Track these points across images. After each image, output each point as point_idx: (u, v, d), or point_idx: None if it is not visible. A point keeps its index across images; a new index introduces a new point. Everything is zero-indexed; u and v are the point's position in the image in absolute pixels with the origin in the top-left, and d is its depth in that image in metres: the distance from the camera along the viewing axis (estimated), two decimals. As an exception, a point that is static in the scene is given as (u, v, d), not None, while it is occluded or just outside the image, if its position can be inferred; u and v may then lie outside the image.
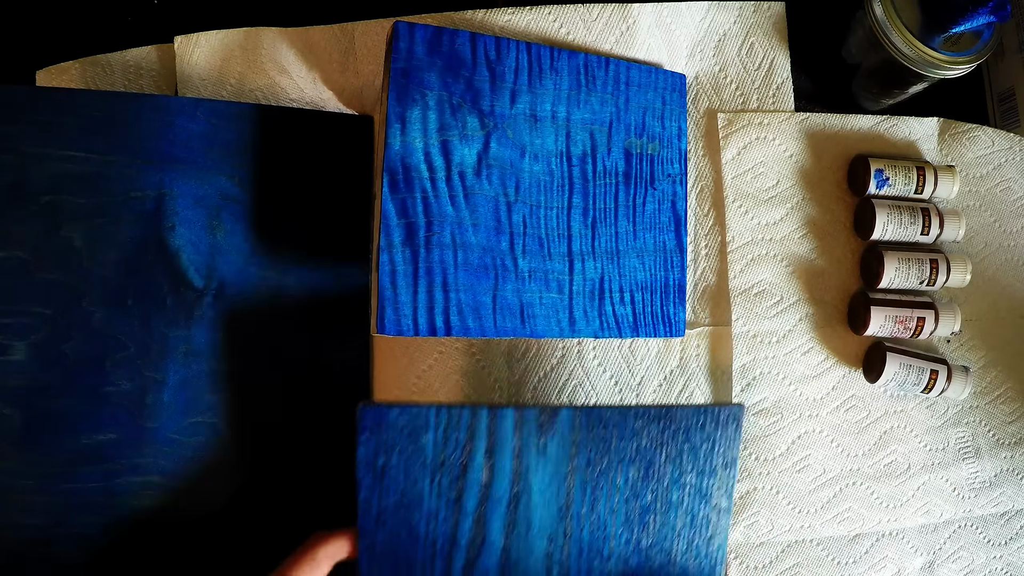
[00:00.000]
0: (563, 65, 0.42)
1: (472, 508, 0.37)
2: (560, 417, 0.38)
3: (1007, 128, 0.49)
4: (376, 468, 0.37)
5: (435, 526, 0.37)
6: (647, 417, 0.39)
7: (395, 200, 0.37)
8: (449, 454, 0.37)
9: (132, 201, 0.40)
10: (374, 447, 0.36)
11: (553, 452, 0.38)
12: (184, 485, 0.40)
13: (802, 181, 0.48)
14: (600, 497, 0.39)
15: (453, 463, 0.37)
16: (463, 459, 0.37)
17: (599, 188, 0.42)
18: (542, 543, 0.38)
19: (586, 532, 0.39)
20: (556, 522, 0.39)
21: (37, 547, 0.38)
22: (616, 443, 0.39)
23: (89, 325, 0.39)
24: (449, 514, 0.37)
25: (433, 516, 0.37)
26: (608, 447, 0.39)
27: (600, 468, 0.39)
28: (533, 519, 0.38)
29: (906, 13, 0.41)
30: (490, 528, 0.38)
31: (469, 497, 0.37)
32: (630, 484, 0.39)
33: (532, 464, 0.38)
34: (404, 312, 0.37)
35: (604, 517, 0.39)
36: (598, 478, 0.39)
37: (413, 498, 0.37)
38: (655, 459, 0.39)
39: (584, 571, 0.39)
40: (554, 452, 0.38)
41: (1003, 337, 0.48)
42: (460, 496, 0.37)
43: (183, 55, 0.43)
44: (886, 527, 0.47)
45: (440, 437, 0.37)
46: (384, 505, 0.37)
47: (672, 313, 0.44)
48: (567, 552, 0.39)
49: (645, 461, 0.39)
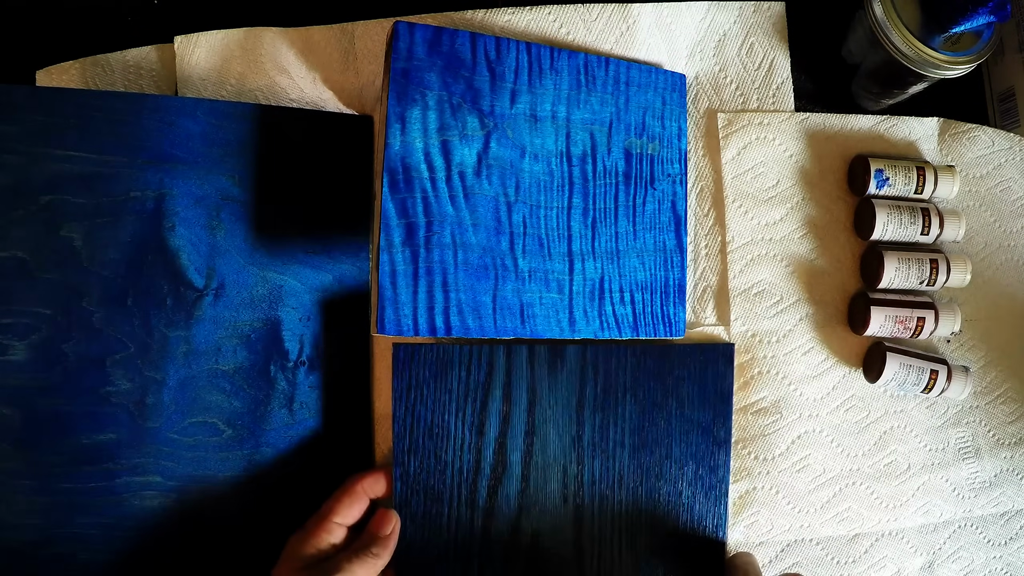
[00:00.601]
0: (563, 65, 0.42)
1: (493, 437, 0.42)
2: (568, 352, 0.42)
3: (1007, 128, 0.49)
4: (408, 401, 0.41)
5: (461, 454, 0.41)
6: (648, 353, 0.43)
7: (395, 200, 0.37)
8: (472, 387, 0.41)
9: (132, 201, 0.40)
10: (407, 381, 0.41)
11: (563, 385, 0.42)
12: (184, 485, 0.40)
13: (802, 181, 0.48)
14: (608, 428, 0.43)
15: (476, 395, 0.41)
16: (484, 391, 0.41)
17: (599, 188, 0.42)
18: (557, 471, 0.42)
19: (597, 461, 0.43)
20: (569, 451, 0.42)
21: (37, 547, 0.38)
22: (620, 377, 0.43)
23: (89, 325, 0.39)
24: (473, 442, 0.41)
25: (459, 445, 0.41)
26: (613, 381, 0.43)
27: (607, 401, 0.43)
28: (548, 448, 0.42)
29: (906, 13, 0.41)
30: (510, 456, 0.42)
31: (490, 426, 0.41)
32: (635, 416, 0.43)
33: (545, 396, 0.42)
34: (404, 312, 0.37)
35: (613, 447, 0.43)
36: (606, 410, 0.43)
37: (440, 429, 0.41)
38: (655, 392, 0.43)
39: (597, 497, 0.43)
40: (564, 385, 0.42)
41: (1003, 337, 0.48)
42: (482, 426, 0.41)
43: (183, 55, 0.43)
44: (886, 527, 0.47)
45: (463, 373, 0.41)
46: (415, 435, 0.41)
47: (672, 313, 0.44)
48: (581, 479, 0.43)
49: (647, 394, 0.43)
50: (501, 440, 0.41)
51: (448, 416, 0.41)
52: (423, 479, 0.41)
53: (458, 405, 0.41)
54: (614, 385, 0.43)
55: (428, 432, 0.41)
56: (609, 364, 0.43)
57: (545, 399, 0.42)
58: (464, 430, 0.41)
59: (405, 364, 0.40)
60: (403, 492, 0.40)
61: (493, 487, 0.41)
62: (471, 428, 0.41)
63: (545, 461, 0.42)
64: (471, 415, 0.41)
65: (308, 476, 0.42)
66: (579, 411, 0.42)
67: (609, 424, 0.43)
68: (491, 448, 0.41)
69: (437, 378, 0.41)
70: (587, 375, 0.42)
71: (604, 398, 0.43)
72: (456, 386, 0.41)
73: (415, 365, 0.40)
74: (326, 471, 0.42)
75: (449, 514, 0.41)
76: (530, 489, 0.42)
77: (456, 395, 0.41)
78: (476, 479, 0.41)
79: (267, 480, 0.41)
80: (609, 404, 0.43)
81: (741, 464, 0.46)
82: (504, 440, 0.41)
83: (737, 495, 0.46)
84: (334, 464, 0.42)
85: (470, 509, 0.41)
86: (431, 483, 0.41)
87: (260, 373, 0.41)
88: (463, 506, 0.41)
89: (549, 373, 0.42)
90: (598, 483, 0.43)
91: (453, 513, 0.41)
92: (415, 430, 0.41)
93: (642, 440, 0.43)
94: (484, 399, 0.41)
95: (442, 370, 0.41)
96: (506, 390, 0.41)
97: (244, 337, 0.41)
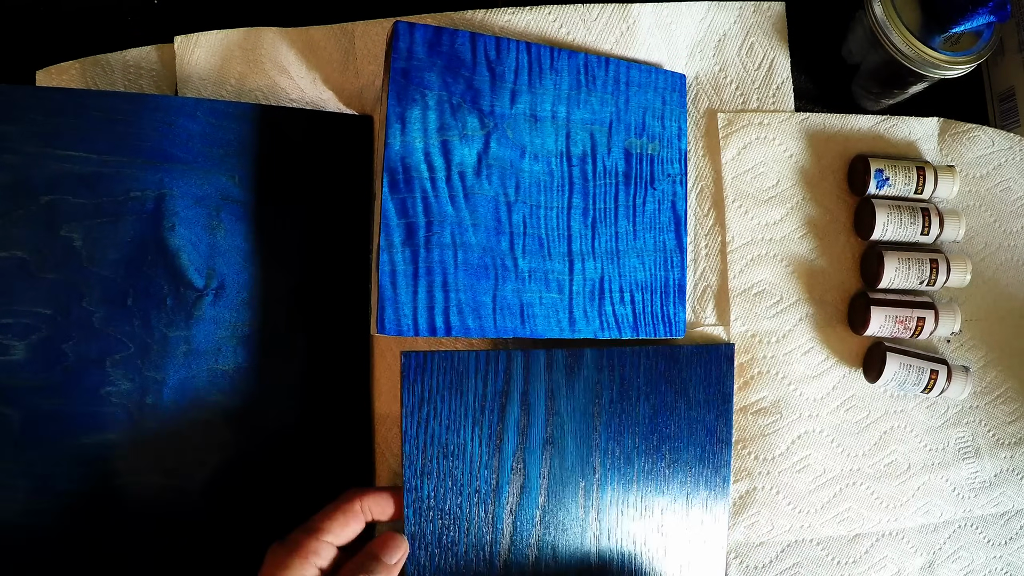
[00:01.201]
0: (563, 65, 0.42)
1: (511, 451, 0.39)
2: (586, 356, 0.41)
3: (1007, 128, 0.49)
4: (421, 416, 0.37)
5: (479, 473, 0.38)
6: (659, 355, 0.43)
7: (395, 200, 0.37)
8: (490, 398, 0.38)
9: (132, 201, 0.40)
10: (419, 394, 0.37)
11: (580, 391, 0.41)
12: (184, 485, 0.40)
13: (802, 181, 0.48)
14: (624, 433, 0.42)
15: (493, 407, 0.38)
16: (503, 402, 0.39)
17: (599, 188, 0.42)
18: (576, 481, 0.41)
19: (613, 467, 0.42)
20: (587, 459, 0.41)
21: (37, 547, 0.38)
22: (634, 381, 0.42)
23: (89, 325, 0.39)
24: (491, 459, 0.38)
25: (477, 463, 0.38)
26: (629, 385, 0.42)
27: (623, 406, 0.42)
28: (567, 458, 0.40)
29: (906, 13, 0.41)
30: (529, 471, 0.39)
31: (508, 441, 0.39)
32: (647, 419, 0.42)
33: (563, 403, 0.40)
34: (404, 312, 0.37)
35: (628, 452, 0.42)
36: (621, 415, 0.42)
37: (456, 447, 0.38)
38: (667, 395, 0.43)
39: (614, 503, 0.41)
40: (581, 391, 0.41)
41: (1003, 337, 0.48)
42: (500, 440, 0.39)
43: (183, 55, 0.43)
44: (886, 527, 0.47)
45: (480, 383, 0.38)
46: (429, 456, 0.37)
47: (672, 313, 0.44)
48: (598, 488, 0.41)
49: (659, 397, 0.43)
50: (519, 454, 0.39)
51: (464, 432, 0.38)
52: (438, 504, 0.37)
53: (475, 419, 0.38)
54: (629, 389, 0.41)
55: (443, 451, 0.37)
56: (624, 368, 0.41)
57: (563, 406, 0.40)
58: (481, 447, 0.38)
59: (417, 374, 0.36)
60: (416, 520, 0.37)
61: (512, 505, 0.39)
62: (489, 444, 0.38)
63: (563, 472, 0.40)
64: (488, 429, 0.38)
65: (308, 476, 0.42)
66: (596, 418, 0.41)
67: (624, 429, 0.41)
68: (509, 464, 0.38)
69: (452, 389, 0.37)
70: (603, 380, 0.41)
71: (620, 403, 0.41)
72: (472, 399, 0.38)
73: (427, 375, 0.37)
74: (326, 471, 0.42)
75: (467, 540, 0.38)
76: (549, 503, 0.39)
77: (473, 408, 0.38)
78: (495, 498, 0.38)
79: (268, 481, 0.41)
80: (624, 409, 0.41)
81: (741, 464, 0.46)
82: (523, 454, 0.39)
83: (737, 495, 0.46)
84: (334, 465, 0.42)
85: (490, 531, 0.38)
86: (447, 507, 0.37)
87: (260, 373, 0.41)
88: (483, 528, 0.38)
89: (567, 379, 0.40)
90: (614, 489, 0.41)
91: (471, 540, 0.38)
92: (428, 450, 0.37)
93: (654, 444, 0.42)
94: (502, 411, 0.38)
95: (457, 380, 0.37)
96: (524, 399, 0.39)
97: (244, 337, 0.41)
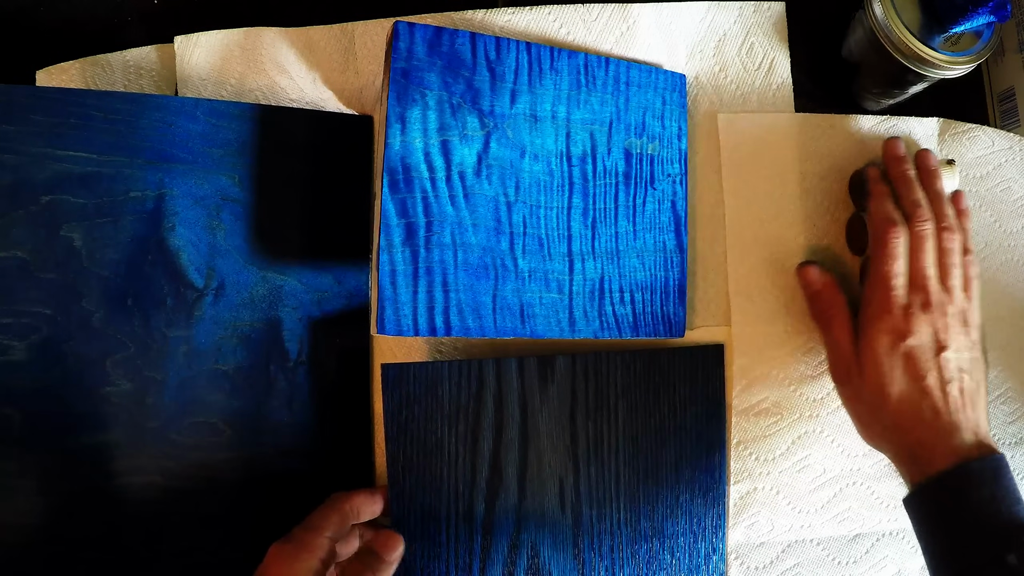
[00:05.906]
0: (563, 65, 0.42)
1: (488, 449, 0.41)
2: (557, 363, 0.42)
3: (1007, 128, 0.49)
4: (400, 420, 0.40)
5: (456, 470, 0.41)
6: (637, 359, 0.43)
7: (395, 200, 0.37)
8: (464, 401, 0.41)
9: (132, 201, 0.40)
10: (397, 400, 0.40)
11: (554, 395, 0.42)
12: (184, 485, 0.40)
13: (802, 181, 0.48)
14: (603, 435, 0.43)
15: (467, 409, 0.41)
16: (476, 405, 0.41)
17: (599, 188, 0.42)
18: (554, 481, 0.42)
19: (593, 468, 0.43)
20: (565, 460, 0.42)
21: (37, 547, 0.38)
22: (610, 384, 0.43)
23: (89, 325, 0.39)
24: (468, 458, 0.41)
25: (454, 461, 0.41)
26: (604, 388, 0.43)
27: (599, 409, 0.43)
28: (544, 458, 0.42)
29: (906, 13, 0.41)
30: (506, 470, 0.41)
31: (484, 439, 0.41)
32: (628, 422, 0.43)
33: (537, 407, 0.42)
34: (404, 312, 0.37)
35: (608, 454, 0.43)
36: (599, 418, 0.43)
37: (434, 445, 0.40)
38: (647, 397, 0.43)
39: (595, 504, 0.42)
40: (555, 395, 0.42)
41: (1003, 337, 0.48)
42: (476, 439, 0.41)
43: (183, 55, 0.43)
44: (886, 527, 0.47)
45: (454, 388, 0.41)
46: (409, 453, 0.40)
47: (672, 313, 0.44)
48: (577, 488, 0.42)
49: (638, 399, 0.43)
50: (495, 452, 0.41)
51: (441, 432, 0.40)
52: (419, 497, 0.40)
53: (450, 420, 0.40)
54: (605, 392, 0.43)
55: (422, 449, 0.40)
56: (599, 372, 0.42)
57: (537, 410, 0.41)
58: (458, 444, 0.40)
59: (395, 384, 0.40)
60: (398, 511, 0.40)
61: (490, 501, 0.41)
62: (464, 442, 0.41)
63: (541, 472, 0.42)
64: (464, 429, 0.40)
65: (308, 477, 0.42)
66: (572, 420, 0.42)
67: (603, 432, 0.42)
68: (486, 461, 0.41)
69: (428, 394, 0.40)
70: (578, 384, 0.42)
71: (596, 406, 0.42)
72: (447, 401, 0.40)
73: (404, 384, 0.40)
74: (326, 472, 0.42)
75: (447, 531, 0.40)
76: (527, 501, 0.41)
77: (448, 410, 0.40)
78: (473, 493, 0.41)
79: (267, 481, 0.41)
80: (601, 412, 0.42)
81: (742, 465, 0.46)
82: (498, 452, 0.41)
83: (738, 496, 0.46)
84: (334, 465, 0.42)
85: (468, 524, 0.41)
86: (427, 500, 0.40)
87: (260, 373, 0.41)
88: (460, 521, 0.40)
89: (540, 384, 0.41)
90: (595, 491, 0.42)
91: (451, 530, 0.40)
92: (409, 448, 0.40)
93: (637, 446, 0.43)
94: (476, 412, 0.41)
95: (432, 386, 0.40)
96: (497, 403, 0.41)
97: (244, 337, 0.41)
